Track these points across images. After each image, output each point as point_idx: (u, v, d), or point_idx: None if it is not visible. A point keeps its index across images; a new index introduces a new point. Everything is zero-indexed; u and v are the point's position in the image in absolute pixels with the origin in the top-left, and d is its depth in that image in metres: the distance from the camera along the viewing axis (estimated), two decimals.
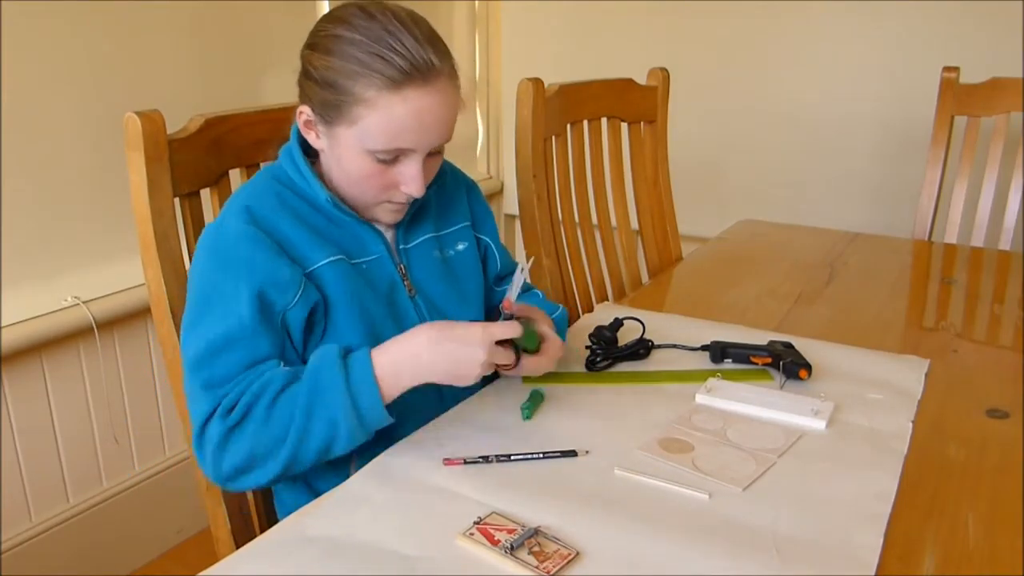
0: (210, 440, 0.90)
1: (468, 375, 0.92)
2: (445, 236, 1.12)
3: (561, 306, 1.19)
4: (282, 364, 0.93)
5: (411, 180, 0.97)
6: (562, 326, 1.15)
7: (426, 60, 0.92)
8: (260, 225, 0.95)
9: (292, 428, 0.88)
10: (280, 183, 1.01)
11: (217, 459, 0.90)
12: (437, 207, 1.12)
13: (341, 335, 0.98)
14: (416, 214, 1.09)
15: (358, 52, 0.91)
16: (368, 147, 0.94)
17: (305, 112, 0.98)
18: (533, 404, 1.01)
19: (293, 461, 0.89)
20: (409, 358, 0.91)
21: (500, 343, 0.93)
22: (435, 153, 1.00)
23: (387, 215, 1.03)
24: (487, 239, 1.19)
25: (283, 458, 0.89)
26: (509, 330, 0.93)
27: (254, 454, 0.89)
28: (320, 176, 1.02)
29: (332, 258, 0.98)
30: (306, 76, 0.96)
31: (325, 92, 0.94)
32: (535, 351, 1.01)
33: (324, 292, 0.97)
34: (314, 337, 0.98)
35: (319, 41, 0.95)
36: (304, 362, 0.97)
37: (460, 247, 1.13)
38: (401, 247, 1.07)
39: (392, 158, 0.96)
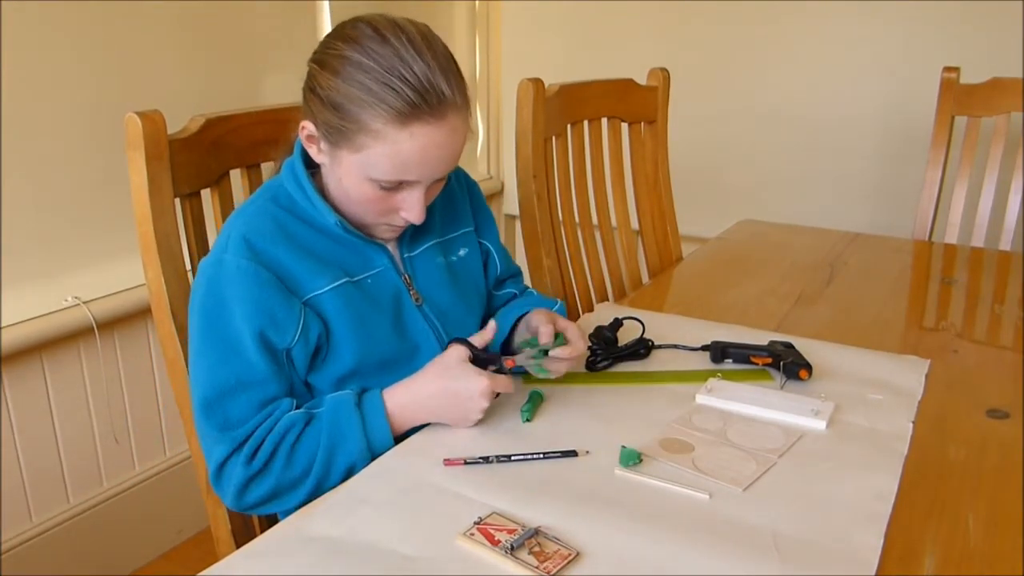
0: (230, 481, 0.93)
1: (470, 421, 0.97)
2: (448, 242, 1.12)
3: (559, 301, 1.18)
4: (293, 400, 0.95)
5: (411, 208, 0.96)
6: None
7: (437, 92, 0.89)
8: (259, 259, 0.93)
9: (313, 469, 0.93)
10: (279, 206, 0.99)
11: (238, 497, 0.94)
12: (441, 212, 1.12)
13: (341, 357, 0.98)
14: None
15: (367, 79, 0.88)
16: (371, 175, 0.93)
17: (308, 128, 0.96)
18: (533, 406, 1.01)
19: (312, 495, 0.93)
20: (418, 405, 0.96)
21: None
22: (438, 181, 0.98)
23: (384, 233, 1.03)
24: (488, 244, 1.19)
25: (303, 494, 0.93)
26: (506, 385, 0.97)
27: (277, 492, 0.94)
28: (322, 191, 1.01)
29: (334, 284, 0.97)
30: (312, 92, 0.94)
31: (330, 114, 0.91)
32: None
33: (325, 318, 0.97)
34: (318, 359, 0.98)
35: (328, 60, 0.92)
36: (308, 387, 0.99)
37: (462, 252, 1.13)
38: (405, 256, 1.07)
39: (394, 186, 0.95)
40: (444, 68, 0.91)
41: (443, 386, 0.95)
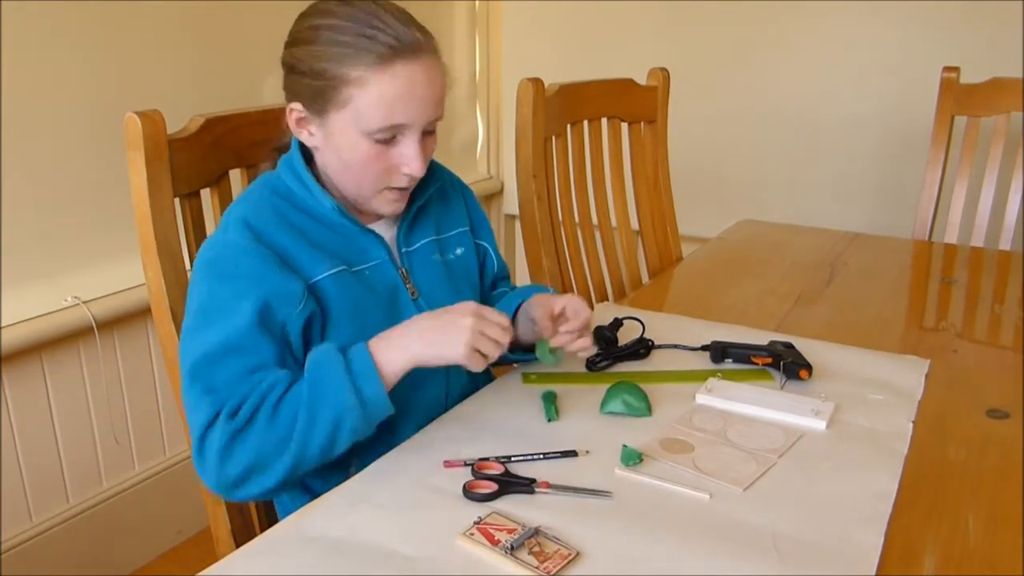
0: (212, 447, 0.88)
1: (454, 349, 0.90)
2: (445, 240, 1.12)
3: (551, 288, 1.18)
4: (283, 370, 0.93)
5: (411, 159, 0.97)
6: None
7: (411, 36, 0.93)
8: (261, 240, 0.94)
9: (296, 426, 0.87)
10: (278, 195, 1.00)
11: (220, 466, 0.88)
12: (438, 210, 1.12)
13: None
14: (417, 217, 1.09)
15: (341, 36, 0.92)
16: (364, 128, 0.94)
17: (296, 108, 0.98)
18: (551, 405, 1.01)
19: (298, 461, 0.88)
20: (399, 336, 0.92)
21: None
22: (428, 133, 0.99)
23: (388, 205, 1.02)
24: (485, 244, 1.19)
25: (288, 459, 0.88)
26: (500, 315, 0.93)
27: (259, 457, 0.88)
28: (321, 183, 1.01)
29: (333, 270, 0.98)
30: (292, 72, 0.97)
31: (313, 81, 0.94)
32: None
33: (323, 304, 0.97)
34: (310, 347, 0.98)
35: (300, 36, 0.96)
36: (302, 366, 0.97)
37: (459, 251, 1.13)
38: (403, 250, 1.07)
39: (389, 138, 0.95)
40: (409, 21, 0.95)
41: (431, 319, 0.93)
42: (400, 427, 0.99)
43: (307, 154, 1.03)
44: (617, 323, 1.21)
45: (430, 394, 1.06)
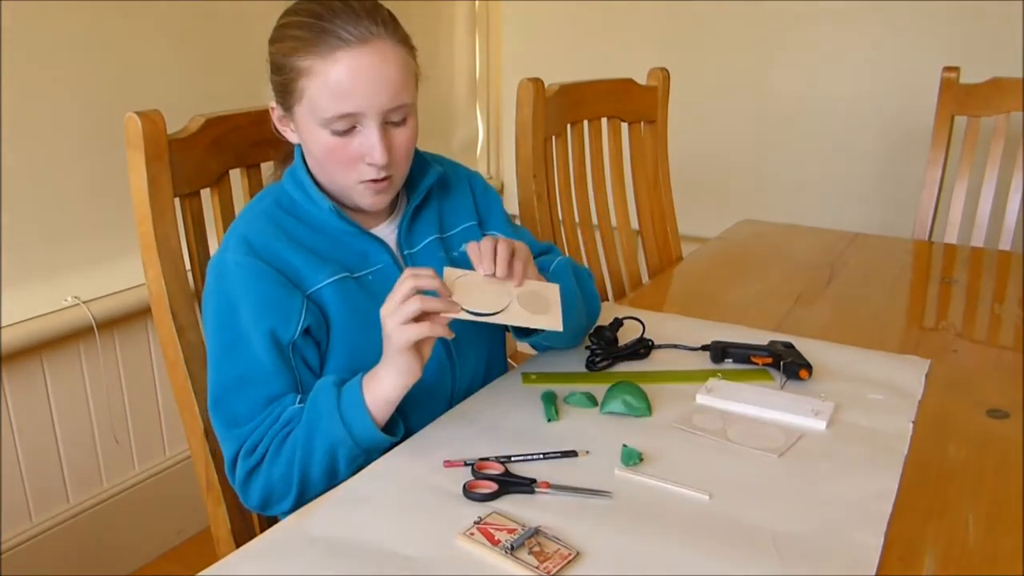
0: (237, 479, 0.96)
1: (394, 357, 0.89)
2: (450, 238, 1.12)
3: (565, 259, 1.16)
4: (299, 398, 0.95)
5: (371, 148, 0.96)
6: (562, 275, 1.10)
7: (360, 27, 0.94)
8: (259, 255, 0.96)
9: (296, 458, 0.92)
10: (279, 207, 1.02)
11: (245, 495, 0.97)
12: (440, 209, 1.12)
13: (340, 352, 0.99)
14: (416, 216, 1.09)
15: (295, 31, 0.95)
16: (318, 118, 0.95)
17: (275, 108, 1.01)
18: (551, 405, 1.01)
19: (304, 488, 0.94)
20: (377, 373, 0.92)
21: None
22: (398, 124, 0.98)
23: (367, 197, 1.01)
24: (496, 232, 1.16)
25: (295, 488, 0.93)
26: (403, 280, 0.89)
27: (270, 489, 0.95)
28: (321, 188, 1.02)
29: (334, 277, 0.98)
30: (270, 72, 1.00)
31: (277, 76, 0.98)
32: None
33: (325, 312, 0.98)
34: (322, 349, 0.99)
35: (272, 35, 1.00)
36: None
37: (464, 248, 1.13)
38: (406, 252, 1.07)
39: (348, 128, 0.96)
40: (369, 11, 0.96)
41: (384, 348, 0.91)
42: (408, 421, 0.99)
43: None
44: (618, 323, 1.21)
45: (437, 387, 1.06)
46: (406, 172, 1.03)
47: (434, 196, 1.10)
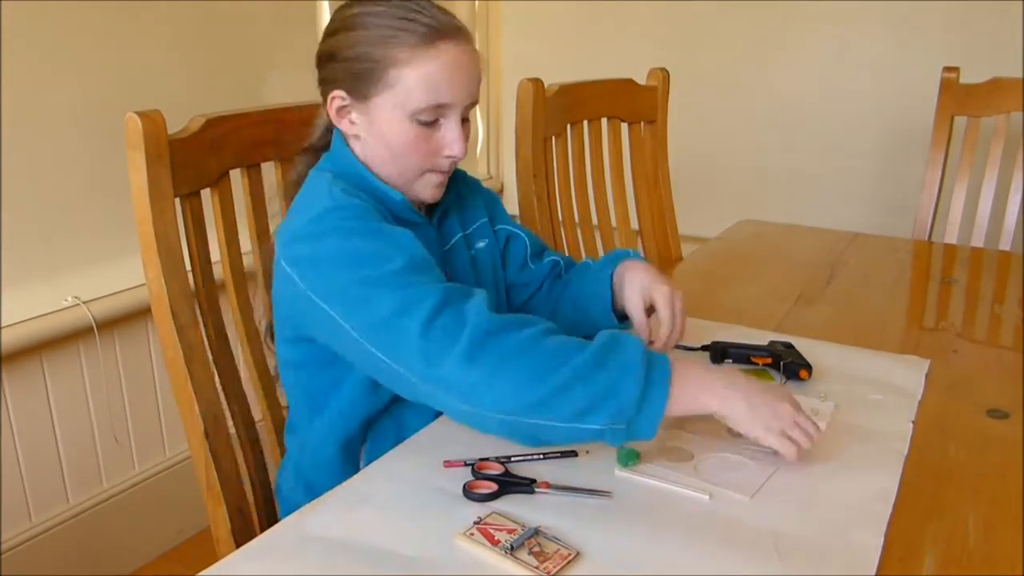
0: (471, 337, 0.80)
1: (768, 421, 0.86)
2: (470, 234, 1.13)
3: (629, 251, 1.15)
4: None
5: (453, 141, 0.98)
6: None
7: (450, 19, 0.96)
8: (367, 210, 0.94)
9: (576, 361, 0.80)
10: (351, 184, 0.97)
11: (466, 364, 0.80)
12: (458, 208, 1.12)
13: None
14: (445, 215, 1.09)
15: (384, 20, 0.94)
16: (409, 108, 0.95)
17: (338, 96, 0.98)
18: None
19: (553, 399, 0.79)
20: (719, 379, 0.86)
21: None
22: (465, 119, 1.00)
23: (430, 189, 1.02)
24: (504, 227, 1.19)
25: (539, 391, 0.79)
26: (809, 423, 0.89)
27: (517, 368, 0.80)
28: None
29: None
30: (332, 60, 0.98)
31: (358, 65, 0.95)
32: None
33: None
34: None
35: (340, 24, 0.98)
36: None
37: (481, 244, 1.14)
38: (443, 249, 1.07)
39: (432, 120, 0.96)
40: (445, 9, 0.98)
41: (752, 383, 0.88)
42: (403, 429, 0.99)
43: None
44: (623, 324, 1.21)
45: None
46: None
47: (452, 197, 1.11)
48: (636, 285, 1.07)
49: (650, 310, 1.07)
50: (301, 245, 0.92)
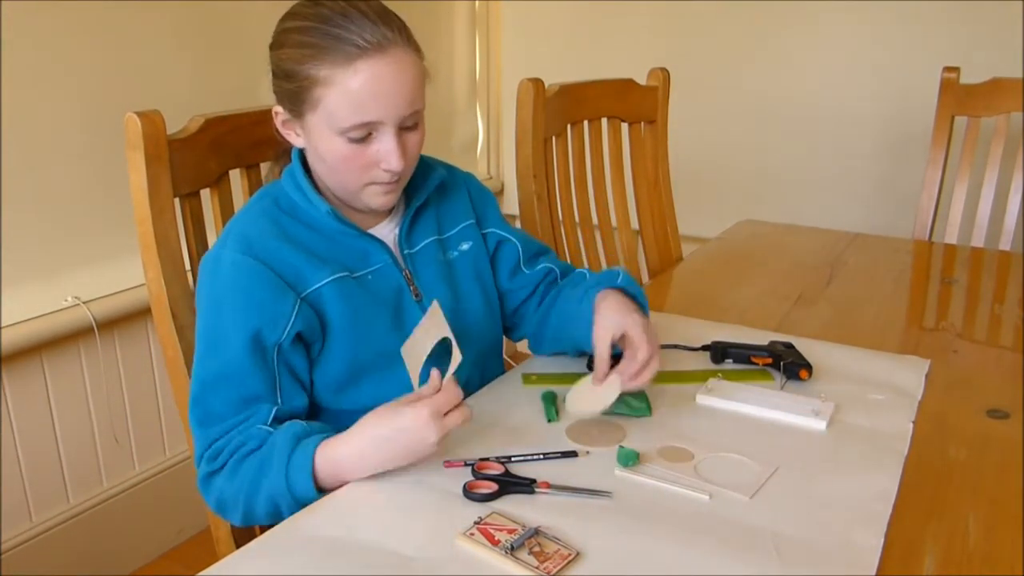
0: (200, 476, 0.96)
1: (425, 454, 0.87)
2: (448, 239, 1.12)
3: (619, 268, 1.13)
4: (274, 408, 0.94)
5: (388, 155, 0.96)
6: (634, 290, 1.09)
7: (375, 34, 0.92)
8: (257, 253, 0.95)
9: (243, 491, 0.92)
10: (279, 208, 1.01)
11: (204, 493, 0.96)
12: (438, 211, 1.12)
13: (339, 352, 0.98)
14: (417, 217, 1.09)
15: (307, 37, 0.93)
16: (335, 127, 0.94)
17: (279, 112, 0.99)
18: (551, 405, 1.01)
19: (248, 516, 0.93)
20: (355, 459, 0.87)
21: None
22: (411, 128, 0.98)
23: (376, 198, 1.01)
24: (494, 230, 1.17)
25: (240, 510, 0.93)
26: (449, 397, 0.87)
27: (223, 500, 0.94)
28: (320, 192, 1.02)
29: (333, 276, 0.98)
30: (273, 76, 0.98)
31: (286, 83, 0.96)
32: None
33: (322, 312, 0.97)
34: (312, 353, 0.99)
35: (276, 39, 0.98)
36: (312, 383, 1.00)
37: (464, 247, 1.12)
38: (405, 252, 1.07)
39: (364, 135, 0.95)
40: (381, 15, 0.95)
41: (381, 434, 0.87)
42: None
43: (305, 162, 1.03)
44: None
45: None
46: (412, 171, 1.04)
47: (432, 198, 1.10)
48: (607, 320, 1.02)
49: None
50: (202, 267, 0.99)
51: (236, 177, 1.14)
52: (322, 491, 0.87)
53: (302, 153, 1.03)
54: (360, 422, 0.88)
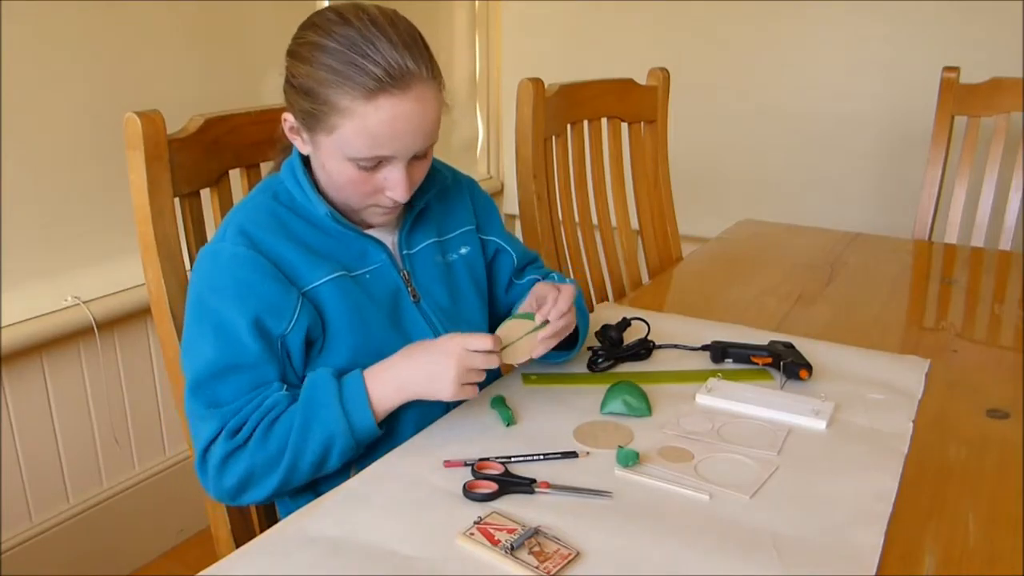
0: (212, 460, 0.93)
1: (443, 388, 0.93)
2: (448, 241, 1.12)
3: (573, 280, 1.16)
4: (284, 388, 0.95)
5: (395, 185, 0.96)
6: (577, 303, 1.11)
7: (401, 66, 0.90)
8: (257, 248, 0.95)
9: (289, 445, 0.91)
10: (278, 202, 1.00)
11: (219, 478, 0.93)
12: (439, 213, 1.12)
13: (338, 351, 0.98)
14: (418, 220, 1.09)
15: (332, 60, 0.91)
16: (348, 155, 0.94)
17: (289, 119, 0.98)
18: (504, 409, 1.01)
19: (289, 477, 0.92)
20: (392, 375, 0.94)
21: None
22: (421, 157, 0.98)
23: (376, 218, 1.03)
24: (494, 238, 1.18)
25: (279, 475, 0.92)
26: (483, 341, 0.93)
27: (252, 472, 0.92)
28: (319, 189, 1.02)
29: (331, 275, 0.98)
30: (288, 83, 0.97)
31: (304, 101, 0.94)
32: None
33: (321, 310, 0.97)
34: (312, 353, 0.99)
35: (297, 49, 0.95)
36: (303, 381, 0.98)
37: (463, 251, 1.13)
38: (404, 252, 1.07)
39: (374, 164, 0.95)
40: (408, 43, 0.92)
41: (411, 349, 0.95)
42: (402, 425, 0.99)
43: (307, 158, 1.03)
44: (625, 323, 1.21)
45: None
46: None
47: (433, 201, 1.10)
48: (532, 293, 1.07)
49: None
50: (199, 259, 0.98)
51: (236, 177, 1.14)
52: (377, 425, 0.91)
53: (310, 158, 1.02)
54: (404, 347, 0.96)
